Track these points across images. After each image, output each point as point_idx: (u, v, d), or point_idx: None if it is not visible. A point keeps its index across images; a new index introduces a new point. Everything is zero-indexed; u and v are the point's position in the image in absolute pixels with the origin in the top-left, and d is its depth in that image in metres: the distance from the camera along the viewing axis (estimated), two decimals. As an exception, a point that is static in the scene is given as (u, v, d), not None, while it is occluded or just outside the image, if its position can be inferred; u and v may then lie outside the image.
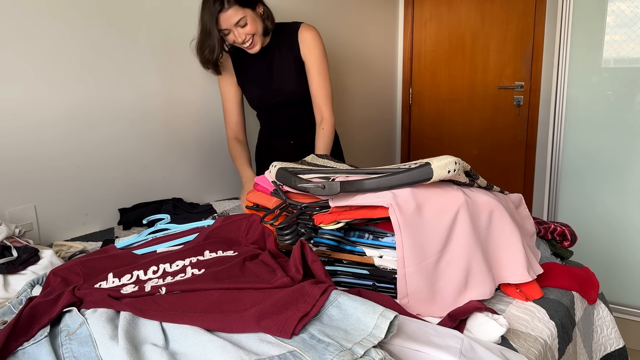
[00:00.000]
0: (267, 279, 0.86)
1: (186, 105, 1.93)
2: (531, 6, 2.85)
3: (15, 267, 1.14)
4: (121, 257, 1.10)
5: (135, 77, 1.74)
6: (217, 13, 1.58)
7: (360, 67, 2.95)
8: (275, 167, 1.22)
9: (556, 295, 1.08)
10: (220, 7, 1.57)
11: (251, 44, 1.66)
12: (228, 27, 1.61)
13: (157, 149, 1.85)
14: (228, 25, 1.60)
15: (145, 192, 1.82)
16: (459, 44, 3.13)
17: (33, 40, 1.46)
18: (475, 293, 0.98)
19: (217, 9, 1.57)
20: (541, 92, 2.88)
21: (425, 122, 3.35)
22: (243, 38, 1.63)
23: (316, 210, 1.10)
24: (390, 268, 0.97)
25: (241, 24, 1.60)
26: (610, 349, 1.21)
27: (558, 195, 2.46)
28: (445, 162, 0.97)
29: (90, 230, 1.66)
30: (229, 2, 1.57)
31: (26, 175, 1.49)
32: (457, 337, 0.79)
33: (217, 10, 1.57)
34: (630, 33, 2.19)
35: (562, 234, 1.32)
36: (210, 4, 1.58)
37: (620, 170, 2.30)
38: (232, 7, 1.57)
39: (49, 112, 1.52)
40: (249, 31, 1.63)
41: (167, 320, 0.78)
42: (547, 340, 0.93)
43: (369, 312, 0.73)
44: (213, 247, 1.06)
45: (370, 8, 2.99)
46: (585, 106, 2.33)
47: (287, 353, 0.68)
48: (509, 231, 1.05)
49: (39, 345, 0.78)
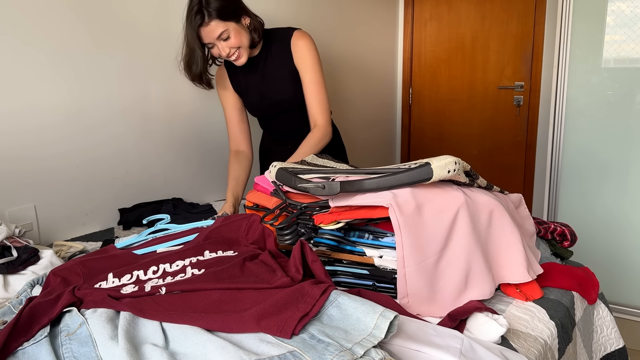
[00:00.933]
0: (267, 279, 0.86)
1: (186, 105, 1.93)
2: (531, 6, 2.85)
3: (15, 267, 1.14)
4: (121, 257, 1.10)
5: (135, 77, 1.74)
6: (198, 27, 1.53)
7: (360, 67, 2.95)
8: (275, 167, 1.22)
9: (556, 295, 1.08)
10: (201, 20, 1.52)
11: (237, 57, 1.62)
12: (211, 41, 1.56)
13: (157, 149, 1.85)
14: (210, 39, 1.55)
15: (145, 192, 1.82)
16: (459, 44, 3.13)
17: (33, 40, 1.46)
18: (475, 293, 0.98)
19: (198, 22, 1.52)
20: (541, 92, 2.88)
21: (425, 122, 3.35)
22: (227, 52, 1.58)
23: (316, 210, 1.10)
24: (390, 268, 0.97)
25: (224, 37, 1.55)
26: (610, 349, 1.21)
27: (558, 195, 2.46)
28: (445, 162, 0.97)
29: (90, 230, 1.66)
30: (210, 15, 1.51)
31: (26, 175, 1.49)
32: (457, 337, 0.79)
33: (197, 25, 1.53)
34: (630, 33, 2.19)
35: (562, 234, 1.32)
36: (191, 18, 1.53)
37: (620, 170, 2.30)
38: (212, 20, 1.52)
39: (49, 113, 1.52)
40: (233, 44, 1.57)
41: (167, 320, 0.78)
42: (547, 340, 0.93)
43: (369, 312, 0.73)
44: (213, 247, 1.06)
45: (370, 8, 2.99)
46: (585, 106, 2.33)
47: (287, 353, 0.68)
48: (509, 231, 1.05)
49: (39, 345, 0.78)
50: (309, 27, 2.42)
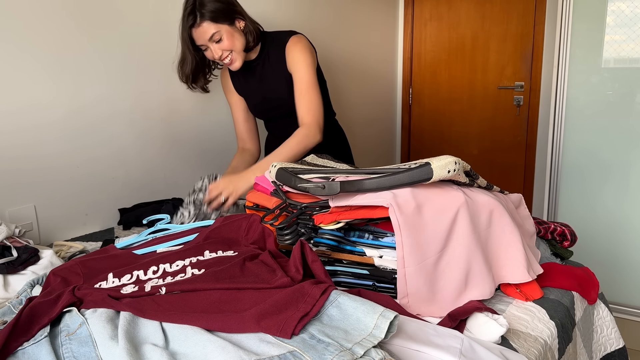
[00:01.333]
0: (267, 279, 0.86)
1: (186, 105, 1.93)
2: (531, 6, 2.85)
3: (15, 267, 1.14)
4: (121, 257, 1.10)
5: (135, 76, 1.74)
6: (189, 28, 1.54)
7: (360, 67, 2.95)
8: (275, 167, 1.22)
9: (556, 295, 1.08)
10: (193, 21, 1.52)
11: (230, 60, 1.60)
12: (203, 43, 1.56)
13: (157, 149, 1.85)
14: (202, 41, 1.55)
15: (145, 192, 1.82)
16: (459, 44, 3.13)
17: (33, 39, 1.46)
18: (475, 293, 0.98)
19: (190, 23, 1.53)
20: (541, 92, 2.88)
21: (425, 122, 3.35)
22: (220, 54, 1.57)
23: (316, 210, 1.10)
24: (390, 268, 0.97)
25: (215, 39, 1.55)
26: (610, 349, 1.21)
27: (558, 195, 2.46)
28: (445, 162, 0.97)
29: (90, 230, 1.66)
30: (202, 16, 1.51)
31: (26, 175, 1.49)
32: (457, 337, 0.79)
33: (189, 26, 1.53)
34: (630, 33, 2.19)
35: (562, 234, 1.32)
36: (185, 19, 1.53)
37: (620, 170, 2.30)
38: (204, 21, 1.52)
39: (49, 112, 1.52)
40: (226, 47, 1.56)
41: (167, 320, 0.78)
42: (547, 340, 0.93)
43: (369, 312, 0.73)
44: (213, 247, 1.06)
45: (370, 8, 2.99)
46: (585, 106, 2.33)
47: (287, 353, 0.68)
48: (509, 231, 1.05)
49: (39, 345, 0.78)
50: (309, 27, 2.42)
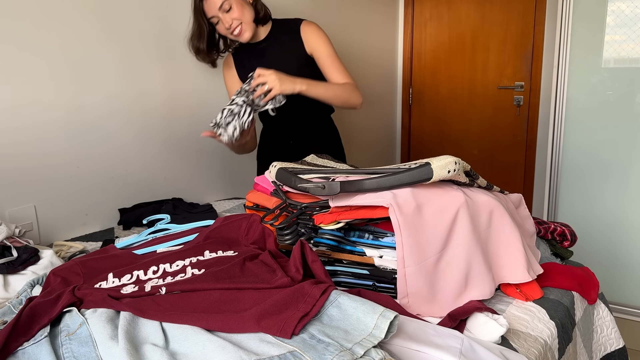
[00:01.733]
0: (267, 279, 0.86)
1: (186, 104, 1.93)
2: (531, 6, 2.85)
3: (15, 267, 1.14)
4: (121, 257, 1.10)
5: (135, 76, 1.74)
6: (200, 1, 1.61)
7: (360, 67, 2.95)
8: (275, 167, 1.22)
9: (556, 295, 1.08)
10: None
11: (240, 31, 1.66)
12: (214, 14, 1.62)
13: (157, 148, 1.85)
14: (213, 11, 1.61)
15: (145, 192, 1.82)
16: (459, 44, 3.13)
17: (32, 37, 1.46)
18: (475, 293, 0.98)
19: None
20: (541, 92, 2.87)
21: (425, 122, 3.35)
22: (230, 23, 1.63)
23: (316, 210, 1.10)
24: (390, 268, 0.97)
25: (225, 8, 1.60)
26: (610, 349, 1.21)
27: (558, 195, 2.46)
28: (445, 162, 0.97)
29: (90, 230, 1.66)
30: None
31: (26, 175, 1.49)
32: (457, 337, 0.79)
33: None
34: (630, 33, 2.19)
35: (562, 234, 1.32)
36: None
37: (620, 170, 2.30)
38: None
39: (49, 112, 1.52)
40: (236, 16, 1.62)
41: (167, 320, 0.78)
42: (547, 340, 0.93)
43: (369, 312, 0.73)
44: (213, 247, 1.06)
45: (370, 8, 2.99)
46: (585, 106, 2.33)
47: (287, 353, 0.68)
48: (508, 231, 1.05)
49: (39, 345, 0.78)
50: (309, 27, 2.42)
